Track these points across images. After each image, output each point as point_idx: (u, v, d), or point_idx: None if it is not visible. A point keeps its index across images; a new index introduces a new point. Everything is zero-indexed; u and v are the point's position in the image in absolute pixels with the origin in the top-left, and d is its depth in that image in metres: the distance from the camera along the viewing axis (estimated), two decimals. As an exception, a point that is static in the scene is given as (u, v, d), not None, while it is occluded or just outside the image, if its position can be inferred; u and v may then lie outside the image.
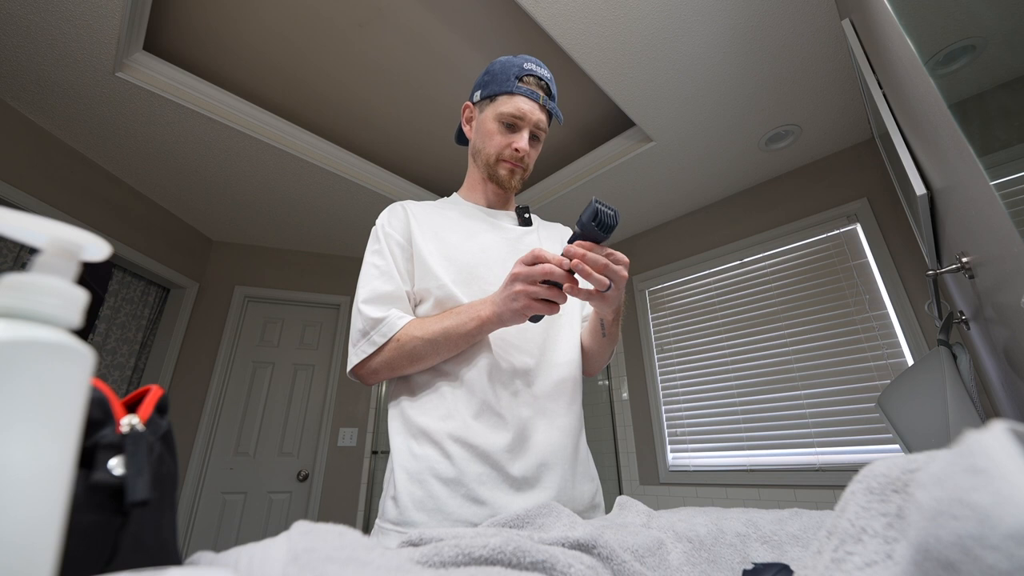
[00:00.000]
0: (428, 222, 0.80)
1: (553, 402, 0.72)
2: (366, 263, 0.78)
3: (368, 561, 0.26)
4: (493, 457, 0.64)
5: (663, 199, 2.53)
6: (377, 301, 0.72)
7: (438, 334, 0.67)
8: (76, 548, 0.21)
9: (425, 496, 0.63)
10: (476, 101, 0.83)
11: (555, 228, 0.94)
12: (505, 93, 0.78)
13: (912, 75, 0.70)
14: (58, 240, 0.20)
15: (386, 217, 0.81)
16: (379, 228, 0.80)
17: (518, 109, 0.77)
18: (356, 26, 1.62)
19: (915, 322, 1.77)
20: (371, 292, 0.73)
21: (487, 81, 0.81)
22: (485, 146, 0.81)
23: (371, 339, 0.69)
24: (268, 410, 2.69)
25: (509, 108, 0.77)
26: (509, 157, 0.79)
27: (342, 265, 3.10)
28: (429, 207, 0.84)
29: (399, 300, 0.73)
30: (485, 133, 0.80)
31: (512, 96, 0.77)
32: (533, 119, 0.78)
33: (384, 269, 0.75)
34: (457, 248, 0.77)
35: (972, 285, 0.75)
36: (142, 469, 0.24)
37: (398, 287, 0.73)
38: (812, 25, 1.51)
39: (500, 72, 0.80)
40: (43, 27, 1.47)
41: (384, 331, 0.68)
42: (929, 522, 0.19)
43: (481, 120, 0.81)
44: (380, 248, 0.77)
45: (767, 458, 2.03)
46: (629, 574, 0.39)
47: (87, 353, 0.19)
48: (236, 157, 2.12)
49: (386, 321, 0.69)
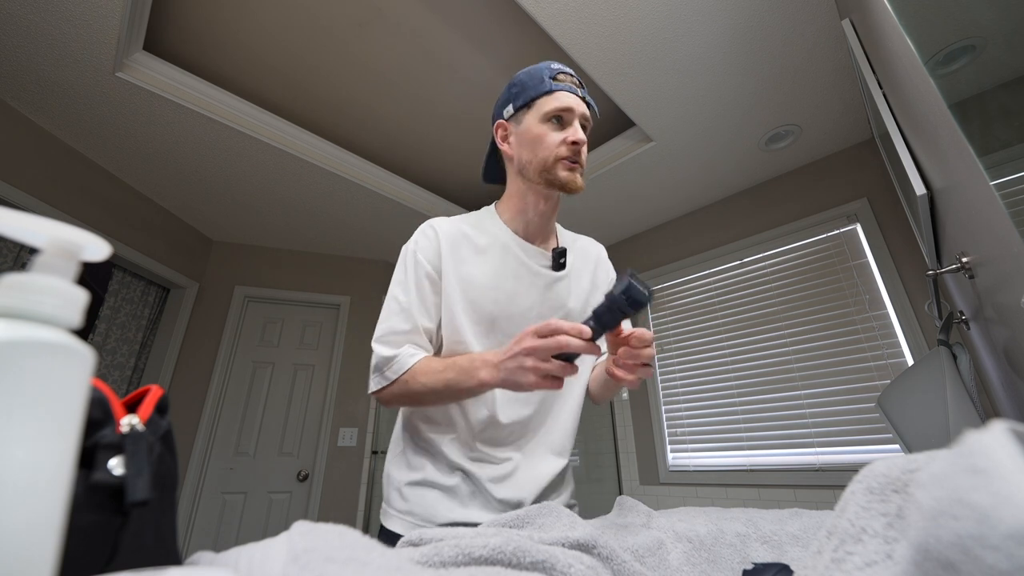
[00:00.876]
0: (458, 254, 0.77)
1: (547, 449, 0.78)
2: (390, 294, 0.76)
3: (368, 561, 0.26)
4: (482, 483, 0.72)
5: (663, 199, 2.53)
6: (391, 341, 0.72)
7: (440, 385, 0.67)
8: (76, 548, 0.21)
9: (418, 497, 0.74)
10: (509, 116, 0.79)
11: (587, 258, 0.89)
12: (544, 94, 0.76)
13: (912, 75, 0.70)
14: (58, 240, 0.20)
15: (417, 242, 0.78)
16: (408, 254, 0.77)
17: (564, 103, 0.74)
18: (356, 26, 1.62)
19: (915, 322, 1.76)
20: (387, 330, 0.73)
21: (516, 93, 0.78)
22: (537, 152, 0.75)
23: (384, 375, 0.71)
24: (268, 410, 2.69)
25: (554, 104, 0.74)
26: (567, 154, 0.75)
27: (342, 265, 3.10)
28: (462, 232, 0.79)
29: (416, 335, 0.73)
30: (533, 139, 0.76)
31: (552, 94, 0.75)
32: (580, 111, 0.76)
33: (405, 305, 0.74)
34: (483, 294, 0.75)
35: (972, 285, 0.75)
36: (142, 469, 0.24)
37: (415, 326, 0.73)
38: (812, 25, 1.51)
39: (529, 79, 0.78)
40: (43, 27, 1.47)
41: (396, 368, 0.70)
42: (929, 522, 0.19)
43: (523, 131, 0.77)
44: (406, 280, 0.76)
45: (767, 458, 2.03)
46: (629, 574, 0.39)
47: (87, 353, 0.19)
48: (236, 157, 2.12)
49: (396, 360, 0.70)
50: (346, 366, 2.86)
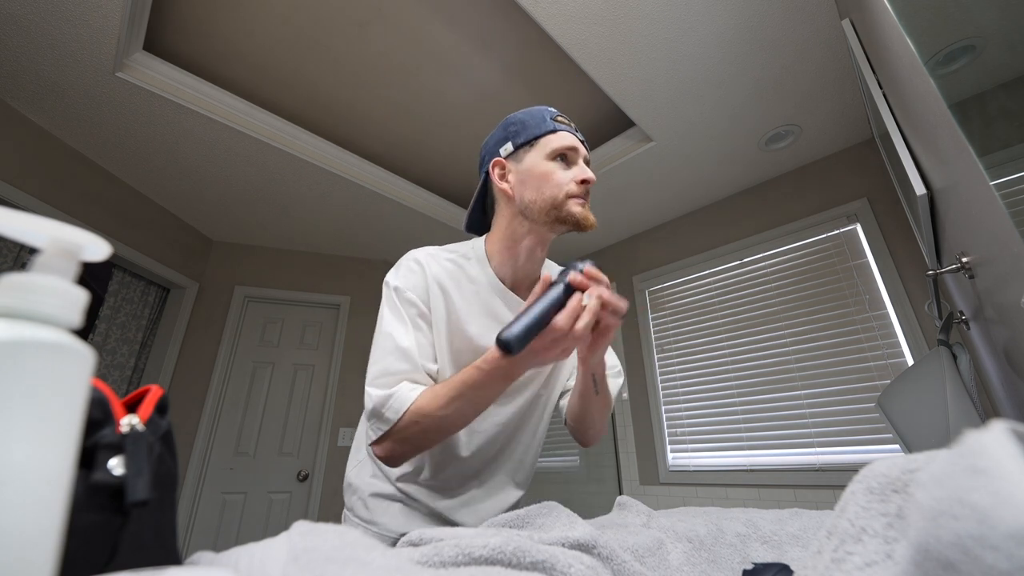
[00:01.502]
0: (445, 301, 0.73)
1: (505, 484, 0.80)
2: (383, 332, 0.70)
3: (368, 561, 0.26)
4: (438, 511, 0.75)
5: (663, 199, 2.53)
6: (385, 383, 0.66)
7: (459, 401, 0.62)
8: (76, 548, 0.21)
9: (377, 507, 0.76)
10: (508, 154, 0.75)
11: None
12: (548, 133, 0.73)
13: (912, 75, 0.70)
14: (58, 240, 0.20)
15: (405, 278, 0.72)
16: (396, 290, 0.72)
17: (568, 142, 0.72)
18: (356, 26, 1.62)
19: (915, 322, 1.76)
20: (382, 371, 0.67)
21: (516, 131, 0.75)
22: (544, 190, 0.71)
23: (383, 417, 0.64)
24: (268, 410, 2.69)
25: (560, 143, 0.72)
26: (579, 191, 0.71)
27: (342, 265, 3.10)
28: (448, 273, 0.75)
29: (416, 374, 0.68)
30: (540, 177, 0.71)
31: (556, 133, 0.73)
32: (583, 152, 0.74)
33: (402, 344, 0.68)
34: (471, 349, 0.72)
35: (972, 285, 0.75)
36: (142, 469, 0.24)
37: (415, 366, 0.68)
38: (812, 25, 1.51)
39: (530, 118, 0.75)
40: (43, 27, 1.47)
41: (395, 407, 0.64)
42: (929, 522, 0.19)
43: (526, 169, 0.73)
44: (402, 317, 0.70)
45: (767, 458, 2.03)
46: (629, 574, 0.39)
47: (87, 353, 0.19)
48: (236, 157, 2.12)
49: (394, 396, 0.64)
50: (346, 366, 2.86)
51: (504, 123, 0.78)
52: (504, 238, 0.76)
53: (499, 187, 0.75)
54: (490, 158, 0.77)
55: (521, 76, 1.84)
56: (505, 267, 0.76)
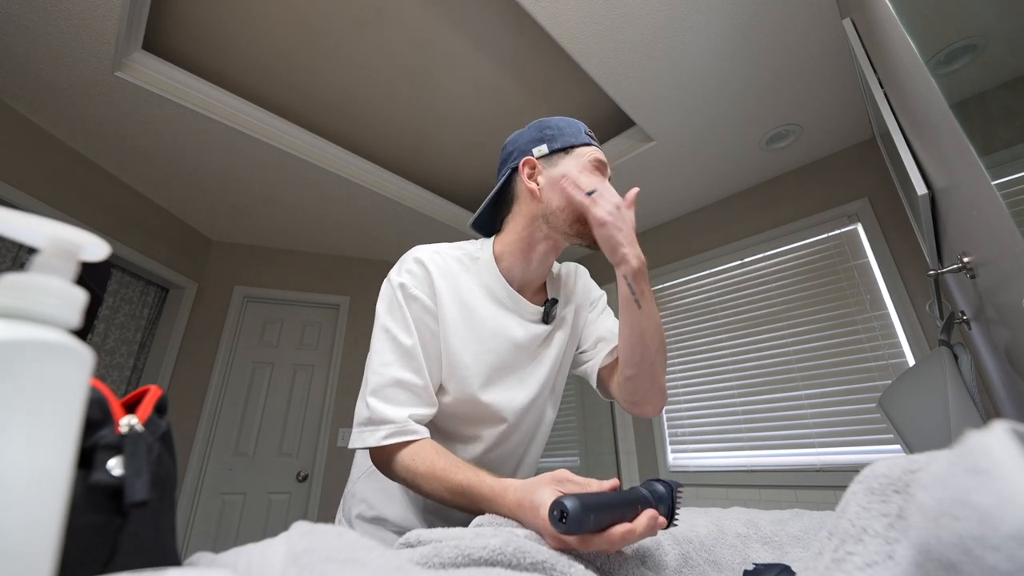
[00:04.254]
0: (456, 298, 0.69)
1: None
2: (385, 333, 0.65)
3: (367, 562, 0.25)
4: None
5: (663, 199, 2.53)
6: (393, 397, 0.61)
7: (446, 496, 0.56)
8: (75, 549, 0.21)
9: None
10: (542, 155, 0.72)
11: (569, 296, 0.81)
12: (583, 144, 0.72)
13: (913, 74, 0.70)
14: (57, 240, 0.20)
15: (408, 277, 0.67)
16: (398, 291, 0.67)
17: (603, 158, 0.72)
18: (356, 26, 1.62)
19: (916, 322, 1.76)
20: (389, 380, 0.62)
21: (553, 135, 0.73)
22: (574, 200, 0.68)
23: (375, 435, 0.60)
24: (267, 410, 2.69)
25: (597, 156, 0.71)
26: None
27: (342, 265, 3.10)
28: (454, 271, 0.71)
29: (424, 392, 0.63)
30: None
31: (591, 146, 0.73)
32: (608, 173, 0.74)
33: (410, 349, 0.63)
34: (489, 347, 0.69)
35: (973, 285, 0.75)
36: (141, 470, 0.24)
37: (425, 381, 0.63)
38: (813, 24, 1.51)
39: (568, 126, 0.74)
40: (41, 26, 1.46)
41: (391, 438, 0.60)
42: (930, 523, 0.19)
43: (559, 174, 0.70)
44: (404, 317, 0.65)
45: (768, 458, 2.03)
46: (629, 574, 0.39)
47: (86, 353, 0.19)
48: (235, 157, 2.12)
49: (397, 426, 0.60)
50: (345, 366, 2.86)
51: (538, 124, 0.76)
52: (519, 240, 0.73)
53: (527, 186, 0.72)
54: (519, 155, 0.74)
55: (521, 75, 1.84)
56: (515, 270, 0.74)
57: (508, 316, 0.72)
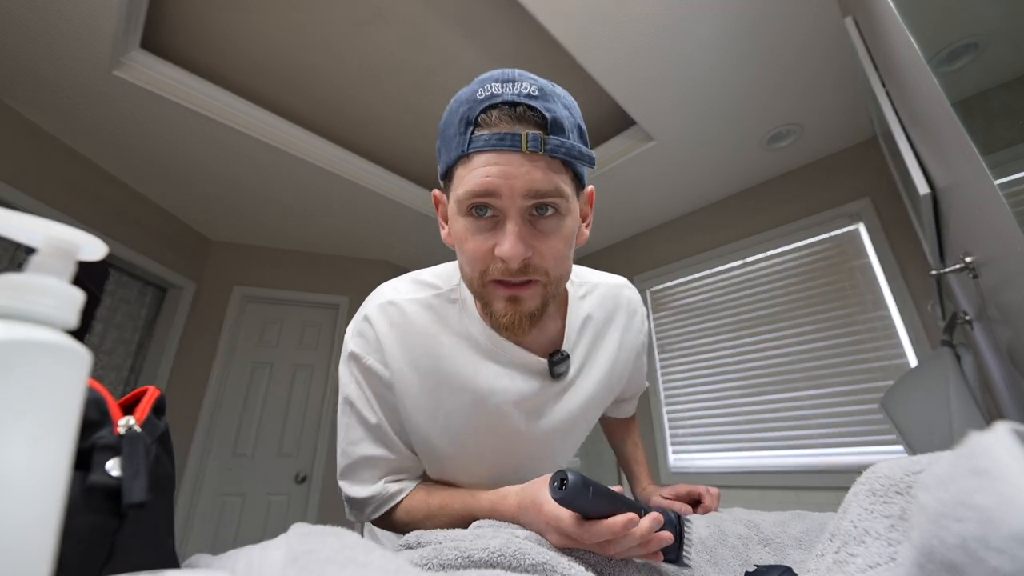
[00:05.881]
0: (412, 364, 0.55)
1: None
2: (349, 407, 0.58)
3: (367, 563, 0.25)
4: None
5: (664, 198, 2.52)
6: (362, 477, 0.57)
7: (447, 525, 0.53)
8: (73, 550, 0.20)
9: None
10: (444, 185, 0.52)
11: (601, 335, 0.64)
12: (459, 161, 0.46)
13: (915, 73, 0.70)
14: (54, 240, 0.20)
15: (359, 343, 0.56)
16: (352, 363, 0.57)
17: (481, 183, 0.44)
18: (356, 25, 1.62)
19: (918, 322, 1.76)
20: (356, 460, 0.57)
21: (439, 147, 0.51)
22: (463, 262, 0.50)
23: (363, 513, 0.58)
24: (266, 411, 2.69)
25: (468, 186, 0.45)
26: (498, 275, 0.47)
27: (341, 265, 3.10)
28: (418, 325, 0.56)
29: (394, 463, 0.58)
30: (457, 239, 0.50)
31: (468, 161, 0.45)
32: (517, 188, 0.44)
33: (373, 424, 0.56)
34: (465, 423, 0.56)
35: (976, 285, 0.75)
36: (139, 471, 0.24)
37: (397, 451, 0.57)
38: (814, 23, 1.51)
39: (447, 126, 0.48)
40: (39, 25, 1.46)
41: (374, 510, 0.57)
42: (932, 524, 0.19)
43: (451, 219, 0.50)
44: (364, 394, 0.56)
45: (769, 459, 2.02)
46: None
47: (84, 354, 0.19)
48: (234, 156, 2.12)
49: (374, 500, 0.56)
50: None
51: (449, 106, 0.50)
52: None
53: (442, 233, 0.55)
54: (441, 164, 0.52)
55: (522, 76, 1.84)
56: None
57: (500, 374, 0.56)
